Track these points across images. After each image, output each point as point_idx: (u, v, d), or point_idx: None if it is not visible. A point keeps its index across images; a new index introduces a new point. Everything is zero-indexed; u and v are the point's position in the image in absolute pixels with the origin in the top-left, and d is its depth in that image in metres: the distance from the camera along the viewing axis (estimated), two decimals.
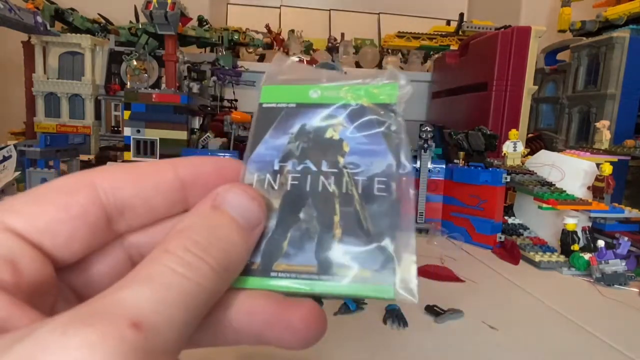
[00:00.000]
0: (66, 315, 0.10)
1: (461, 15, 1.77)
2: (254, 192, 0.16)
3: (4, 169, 0.97)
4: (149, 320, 0.11)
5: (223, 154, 1.00)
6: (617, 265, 0.71)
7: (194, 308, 0.12)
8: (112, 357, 0.10)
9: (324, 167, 0.19)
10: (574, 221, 0.80)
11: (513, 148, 0.98)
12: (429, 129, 1.00)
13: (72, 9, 1.39)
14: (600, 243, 0.74)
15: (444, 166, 1.01)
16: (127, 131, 1.04)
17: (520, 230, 0.91)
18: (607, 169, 0.82)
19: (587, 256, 0.75)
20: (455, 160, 1.06)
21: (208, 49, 1.60)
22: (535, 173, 0.94)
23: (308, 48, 1.81)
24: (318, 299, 0.59)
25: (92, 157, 1.28)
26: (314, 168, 0.19)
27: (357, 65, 1.82)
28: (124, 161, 1.08)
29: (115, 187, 0.15)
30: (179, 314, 0.12)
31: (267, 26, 1.71)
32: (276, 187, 0.18)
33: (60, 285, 0.14)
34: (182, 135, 1.04)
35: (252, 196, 0.16)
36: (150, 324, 0.11)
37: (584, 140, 1.27)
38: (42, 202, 0.14)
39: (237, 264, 0.15)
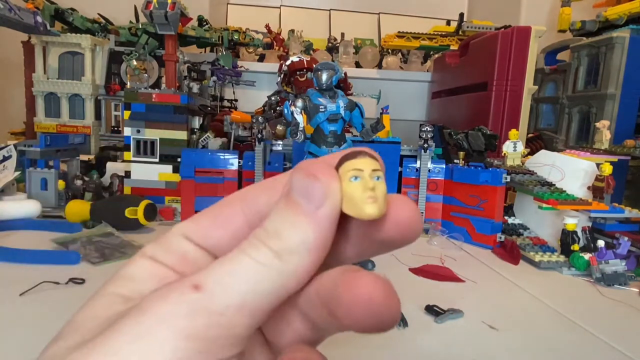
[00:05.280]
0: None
1: (461, 15, 1.77)
2: (318, 169, 0.16)
3: (4, 169, 0.97)
4: (207, 283, 0.14)
5: (223, 154, 1.00)
6: (617, 265, 0.71)
7: (255, 283, 0.14)
8: (174, 307, 0.13)
9: None
10: (574, 221, 0.80)
11: (513, 148, 0.98)
12: (429, 129, 1.00)
13: (72, 9, 1.39)
14: (600, 243, 0.74)
15: (444, 166, 1.01)
16: (127, 131, 1.04)
17: (520, 230, 0.91)
18: (607, 169, 0.82)
19: (587, 256, 0.75)
20: (455, 160, 1.06)
21: (208, 49, 1.60)
22: (535, 173, 0.94)
23: (308, 48, 1.81)
24: None
25: (92, 157, 1.28)
26: None
27: (357, 65, 1.82)
28: (123, 161, 1.08)
29: (204, 236, 0.18)
30: (237, 283, 0.14)
31: (267, 26, 1.71)
32: None
33: None
34: (182, 135, 1.04)
35: (311, 174, 0.15)
36: (208, 287, 0.14)
37: (584, 140, 1.27)
38: (211, 217, 0.18)
39: (305, 246, 0.15)
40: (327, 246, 0.15)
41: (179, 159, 1.00)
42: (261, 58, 1.79)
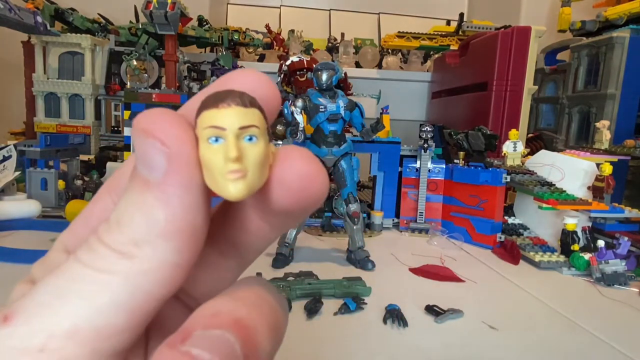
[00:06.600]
0: None
1: (461, 15, 1.77)
2: (156, 119, 0.11)
3: (4, 169, 0.97)
4: (20, 311, 0.10)
5: None
6: (617, 265, 0.71)
7: (91, 297, 0.11)
8: None
9: None
10: (574, 221, 0.80)
11: (513, 148, 0.98)
12: (429, 129, 1.00)
13: (72, 9, 1.39)
14: (600, 243, 0.74)
15: (444, 166, 1.01)
16: (127, 131, 1.04)
17: (520, 230, 0.91)
18: (607, 169, 0.82)
19: (587, 256, 0.75)
20: (455, 160, 1.06)
21: (208, 49, 1.60)
22: (535, 173, 0.94)
23: (308, 48, 1.81)
24: (318, 299, 0.59)
25: (92, 157, 1.28)
26: None
27: (357, 65, 1.82)
28: (123, 161, 1.08)
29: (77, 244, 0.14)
30: (62, 304, 0.10)
31: (267, 26, 1.71)
32: None
33: None
34: None
35: (144, 129, 0.11)
36: (20, 316, 0.10)
37: (584, 140, 1.27)
38: (83, 221, 0.14)
39: (157, 231, 0.11)
40: (198, 225, 0.11)
41: None
42: (261, 58, 1.79)
